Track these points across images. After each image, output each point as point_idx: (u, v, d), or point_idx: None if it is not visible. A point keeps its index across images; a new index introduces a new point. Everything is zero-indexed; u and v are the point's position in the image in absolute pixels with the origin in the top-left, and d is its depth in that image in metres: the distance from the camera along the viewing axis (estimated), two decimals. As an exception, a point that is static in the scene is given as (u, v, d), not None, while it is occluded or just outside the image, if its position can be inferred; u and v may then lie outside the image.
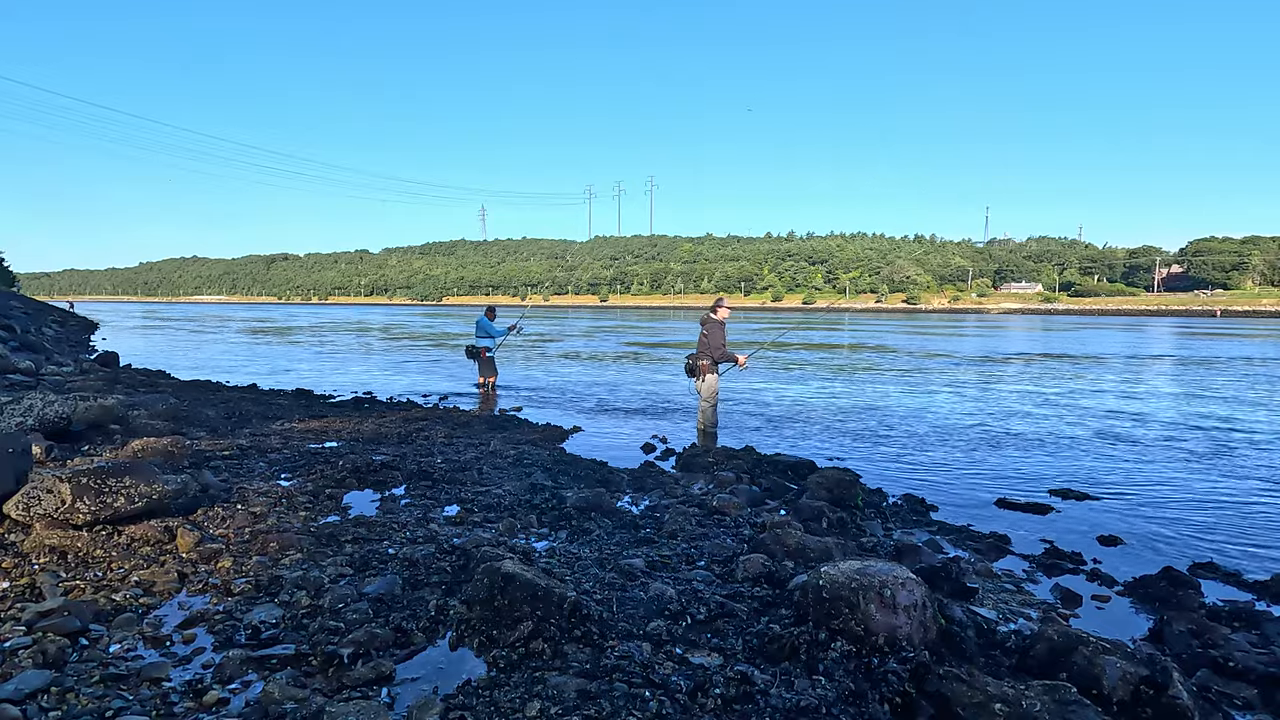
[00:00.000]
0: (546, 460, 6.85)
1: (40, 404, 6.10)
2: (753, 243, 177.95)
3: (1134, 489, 6.79)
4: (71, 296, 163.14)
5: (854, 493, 5.87)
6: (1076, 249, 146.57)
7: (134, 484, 4.11)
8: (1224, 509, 6.15)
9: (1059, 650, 2.91)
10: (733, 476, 6.50)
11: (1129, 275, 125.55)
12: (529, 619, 2.96)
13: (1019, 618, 3.78)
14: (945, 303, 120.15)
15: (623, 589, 3.55)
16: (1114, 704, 2.67)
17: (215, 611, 3.24)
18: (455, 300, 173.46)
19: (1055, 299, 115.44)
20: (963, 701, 2.51)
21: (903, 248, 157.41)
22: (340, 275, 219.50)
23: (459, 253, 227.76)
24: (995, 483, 6.97)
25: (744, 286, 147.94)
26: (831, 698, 2.59)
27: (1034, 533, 5.43)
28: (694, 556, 4.23)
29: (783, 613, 3.33)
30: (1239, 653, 3.29)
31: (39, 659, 2.68)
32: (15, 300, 38.83)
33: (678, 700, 2.56)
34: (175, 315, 72.07)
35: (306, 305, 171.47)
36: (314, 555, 3.94)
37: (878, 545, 4.83)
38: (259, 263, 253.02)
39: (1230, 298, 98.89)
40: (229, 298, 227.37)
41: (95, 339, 29.83)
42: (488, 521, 4.80)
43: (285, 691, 2.53)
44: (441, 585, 3.60)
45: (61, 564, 3.64)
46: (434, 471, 6.10)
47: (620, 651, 2.87)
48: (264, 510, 4.64)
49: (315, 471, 5.80)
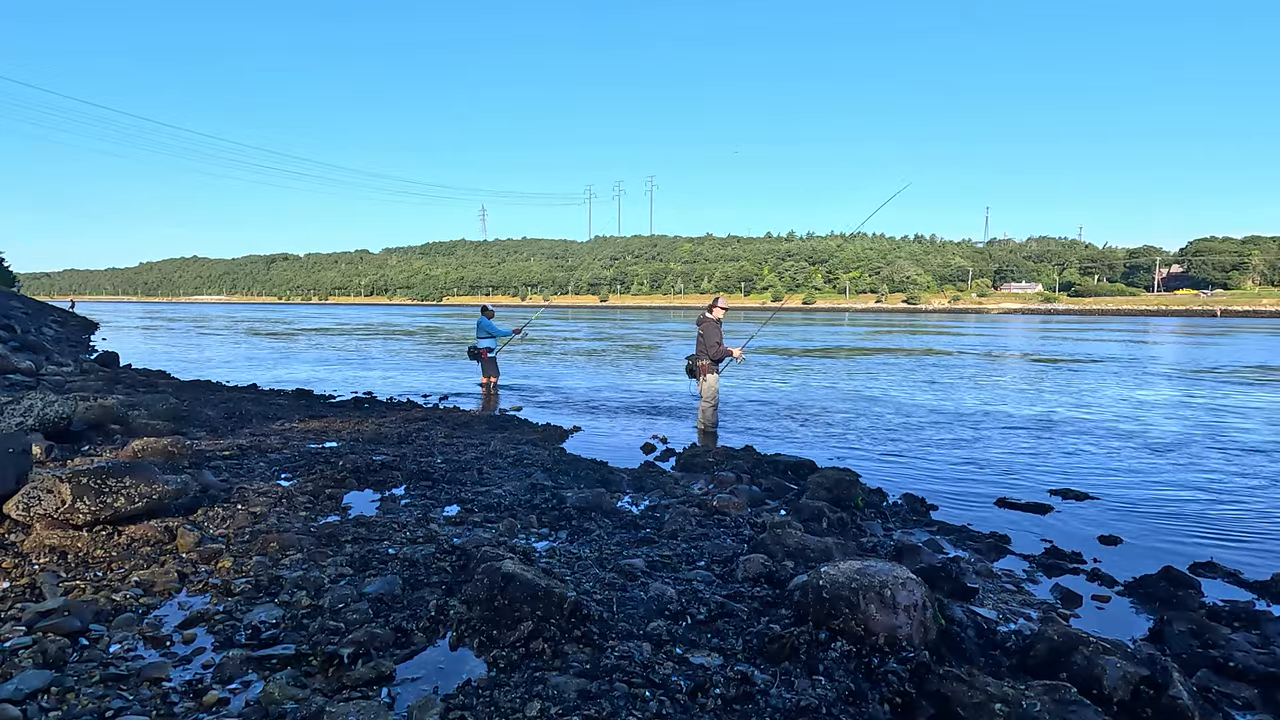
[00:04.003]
0: (547, 460, 6.85)
1: (40, 404, 6.10)
2: (753, 243, 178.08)
3: (1134, 489, 6.79)
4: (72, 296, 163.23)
5: (854, 493, 5.88)
6: (1076, 249, 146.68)
7: (134, 484, 4.11)
8: (1224, 509, 6.15)
9: (1059, 650, 2.91)
10: (733, 476, 6.50)
11: (1129, 275, 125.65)
12: (529, 619, 2.96)
13: (1019, 618, 3.78)
14: (945, 303, 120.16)
15: (623, 589, 3.55)
16: (1114, 704, 2.67)
17: (215, 611, 3.24)
18: (455, 300, 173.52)
19: (1055, 299, 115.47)
20: (963, 701, 2.51)
21: (903, 248, 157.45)
22: (340, 275, 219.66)
23: (459, 253, 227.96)
24: (995, 483, 6.97)
25: (744, 286, 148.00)
26: (831, 698, 2.59)
27: (1034, 533, 5.43)
28: (694, 556, 4.23)
29: (783, 613, 3.33)
30: (1239, 653, 3.29)
31: (39, 659, 2.68)
32: (15, 300, 38.82)
33: (678, 700, 2.56)
34: (180, 315, 72.08)
35: (307, 305, 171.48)
36: (314, 555, 3.94)
37: (878, 545, 4.83)
38: (259, 263, 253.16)
39: (1230, 297, 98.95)
40: (229, 298, 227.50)
41: (95, 339, 29.82)
42: (488, 521, 4.80)
43: (285, 691, 2.53)
44: (442, 585, 3.60)
45: (62, 564, 3.65)
46: (434, 471, 6.10)
47: (620, 651, 2.87)
48: (264, 510, 4.64)
49: (315, 471, 5.80)
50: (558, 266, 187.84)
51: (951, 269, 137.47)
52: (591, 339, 33.08)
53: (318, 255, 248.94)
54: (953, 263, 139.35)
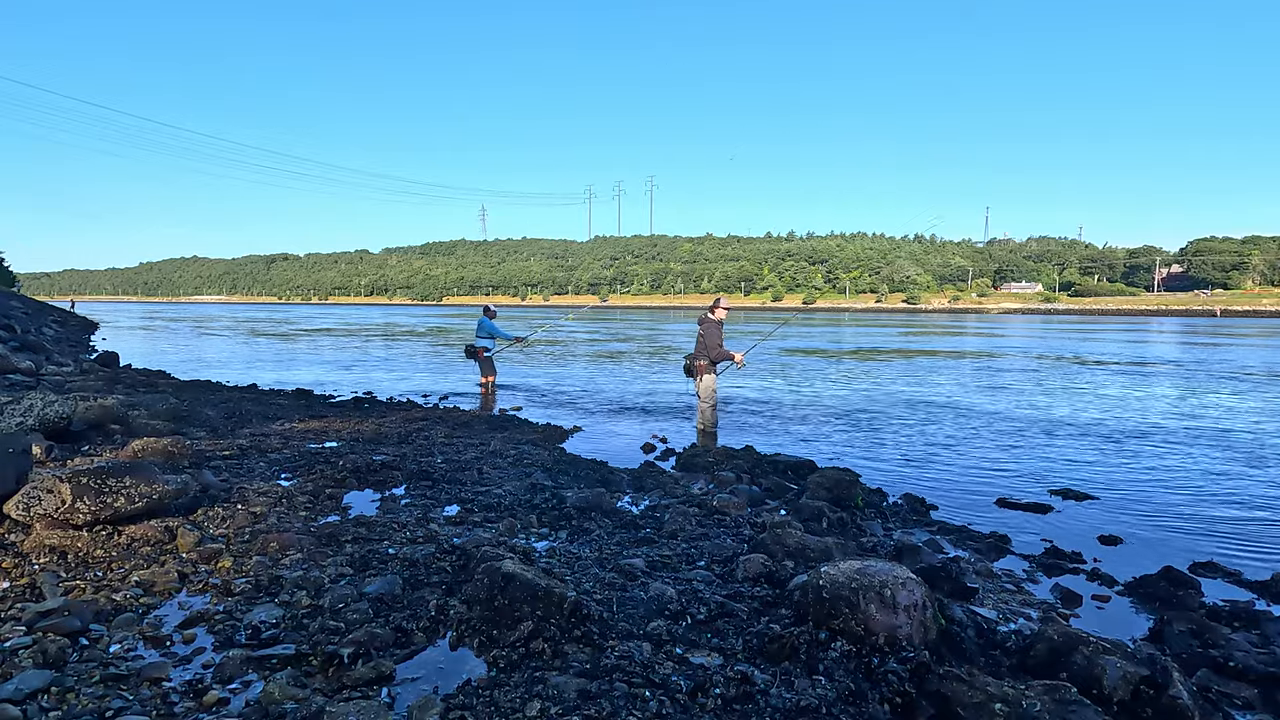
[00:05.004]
0: (546, 460, 6.85)
1: (40, 404, 6.10)
2: (753, 243, 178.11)
3: (1134, 489, 6.79)
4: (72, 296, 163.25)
5: (854, 493, 5.88)
6: (1076, 249, 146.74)
7: (134, 484, 4.10)
8: (1224, 509, 6.15)
9: (1059, 650, 2.91)
10: (733, 476, 6.50)
11: (1129, 275, 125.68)
12: (529, 619, 2.96)
13: (1019, 617, 3.78)
14: (945, 303, 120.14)
15: (623, 589, 3.55)
16: (1114, 704, 2.67)
17: (215, 611, 3.24)
18: (455, 300, 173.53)
19: (1055, 299, 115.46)
20: (963, 701, 2.51)
21: (903, 248, 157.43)
22: (340, 275, 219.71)
23: (459, 253, 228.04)
24: (995, 482, 6.97)
25: (744, 286, 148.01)
26: (831, 698, 2.59)
27: (1034, 532, 5.43)
28: (694, 556, 4.23)
29: (783, 613, 3.33)
30: (1239, 652, 3.29)
31: (39, 659, 2.68)
32: (15, 300, 38.81)
33: (678, 700, 2.56)
34: (180, 315, 72.07)
35: (307, 305, 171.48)
36: (314, 555, 3.94)
37: (878, 545, 4.83)
38: (259, 263, 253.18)
39: (1230, 297, 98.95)
40: (229, 298, 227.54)
41: (95, 339, 29.81)
42: (488, 521, 4.80)
43: (285, 691, 2.53)
44: (442, 585, 3.60)
45: (62, 564, 3.64)
46: (434, 471, 6.10)
47: (620, 651, 2.87)
48: (264, 510, 4.64)
49: (315, 471, 5.80)
50: (558, 266, 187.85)
51: (951, 269, 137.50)
52: (592, 339, 33.07)
53: (318, 255, 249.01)
54: (953, 263, 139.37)
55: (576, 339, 32.85)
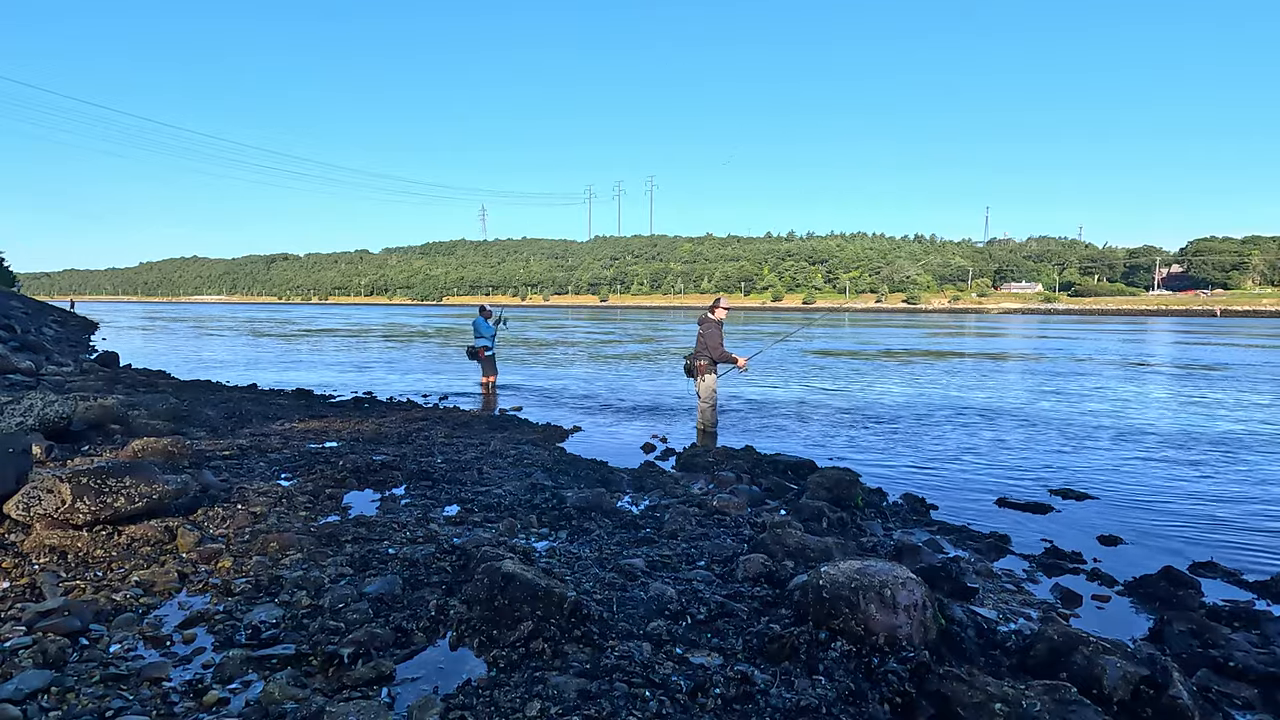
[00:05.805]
0: (547, 460, 6.85)
1: (40, 404, 6.10)
2: (753, 243, 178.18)
3: (1134, 489, 6.79)
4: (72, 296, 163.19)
5: (854, 492, 5.87)
6: (1076, 249, 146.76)
7: (134, 484, 4.10)
8: (1224, 509, 6.15)
9: (1059, 650, 2.91)
10: (733, 476, 6.50)
11: (1129, 275, 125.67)
12: (529, 619, 2.96)
13: (1019, 617, 3.78)
14: (945, 303, 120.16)
15: (623, 589, 3.55)
16: (1114, 704, 2.67)
17: (215, 611, 3.24)
18: (455, 300, 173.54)
19: (1055, 299, 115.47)
20: (963, 701, 2.51)
21: (903, 248, 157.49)
22: (340, 275, 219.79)
23: (459, 253, 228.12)
24: (995, 482, 6.97)
25: (744, 286, 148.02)
26: (831, 697, 2.59)
27: (1034, 532, 5.43)
28: (694, 556, 4.23)
29: (783, 612, 3.33)
30: (1239, 652, 3.29)
31: (39, 659, 2.68)
32: (15, 300, 38.82)
33: (678, 700, 2.56)
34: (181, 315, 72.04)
35: (307, 305, 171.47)
36: (314, 555, 3.94)
37: (878, 545, 4.82)
38: (259, 263, 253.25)
39: (1230, 297, 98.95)
40: (229, 298, 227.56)
41: (95, 339, 29.82)
42: (488, 521, 4.79)
43: (285, 691, 2.53)
44: (442, 585, 3.60)
45: (61, 564, 3.64)
46: (434, 471, 6.10)
47: (620, 651, 2.87)
48: (264, 510, 4.64)
49: (315, 471, 5.80)
50: (558, 266, 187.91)
51: (951, 269, 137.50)
52: (591, 339, 33.06)
53: (318, 255, 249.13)
54: (953, 263, 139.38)
55: (577, 339, 32.85)
